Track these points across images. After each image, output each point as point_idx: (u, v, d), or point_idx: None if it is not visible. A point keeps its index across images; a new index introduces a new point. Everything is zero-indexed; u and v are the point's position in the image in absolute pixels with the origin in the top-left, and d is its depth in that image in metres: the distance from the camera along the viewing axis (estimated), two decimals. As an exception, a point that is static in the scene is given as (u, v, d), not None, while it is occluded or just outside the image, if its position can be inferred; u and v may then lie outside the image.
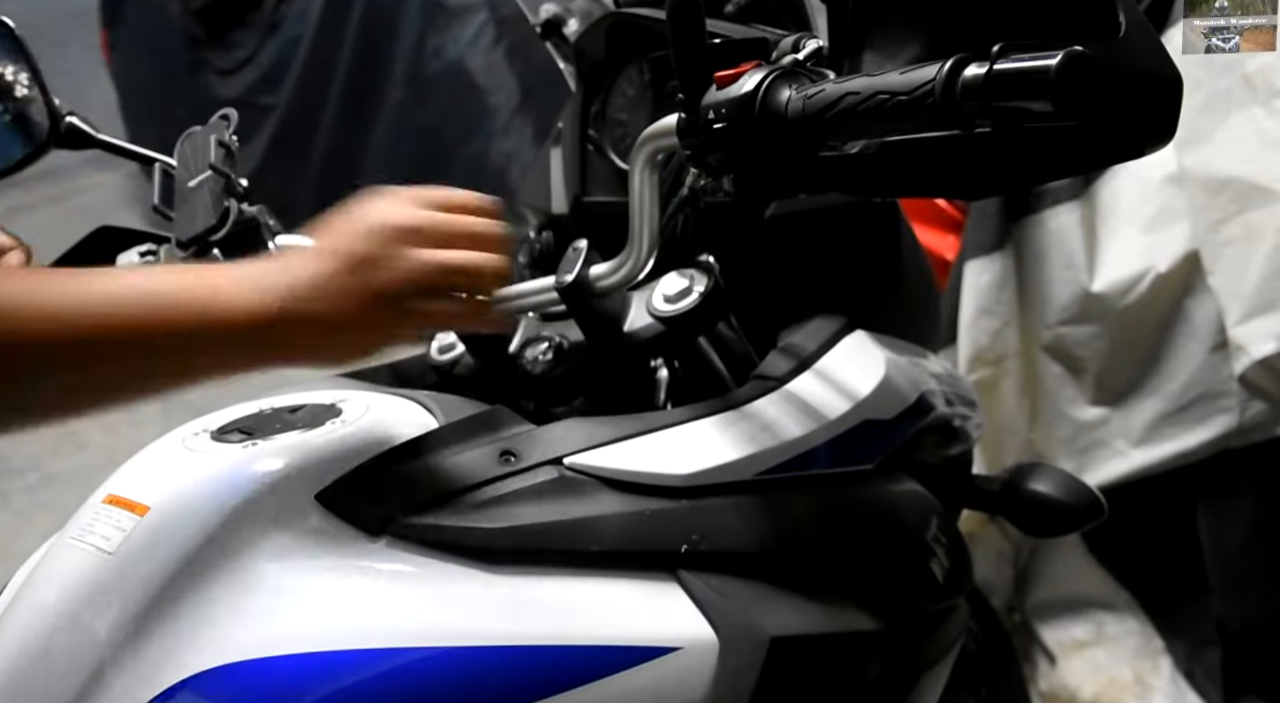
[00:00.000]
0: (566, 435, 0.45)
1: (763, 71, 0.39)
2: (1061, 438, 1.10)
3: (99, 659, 0.37)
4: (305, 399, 0.48)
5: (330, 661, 0.37)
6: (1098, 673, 1.09)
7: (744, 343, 0.56)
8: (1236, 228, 0.94)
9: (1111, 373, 1.06)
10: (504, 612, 0.40)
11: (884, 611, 0.48)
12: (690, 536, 0.43)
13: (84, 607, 0.38)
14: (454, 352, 0.59)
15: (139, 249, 0.56)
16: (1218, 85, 0.93)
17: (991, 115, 0.31)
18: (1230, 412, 0.99)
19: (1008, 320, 1.10)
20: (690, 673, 0.41)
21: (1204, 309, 0.99)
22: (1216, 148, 0.94)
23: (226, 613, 0.38)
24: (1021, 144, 0.34)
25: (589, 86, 0.65)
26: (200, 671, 0.37)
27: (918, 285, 0.64)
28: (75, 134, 0.59)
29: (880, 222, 0.58)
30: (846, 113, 0.34)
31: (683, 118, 0.41)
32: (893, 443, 0.52)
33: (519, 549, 0.41)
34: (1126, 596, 1.12)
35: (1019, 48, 0.30)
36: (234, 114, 0.57)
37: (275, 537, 0.40)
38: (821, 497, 0.48)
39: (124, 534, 0.39)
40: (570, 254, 0.49)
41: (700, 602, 0.42)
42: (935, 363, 0.61)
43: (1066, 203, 1.05)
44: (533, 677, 0.39)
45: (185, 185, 0.55)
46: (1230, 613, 1.02)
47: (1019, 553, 1.19)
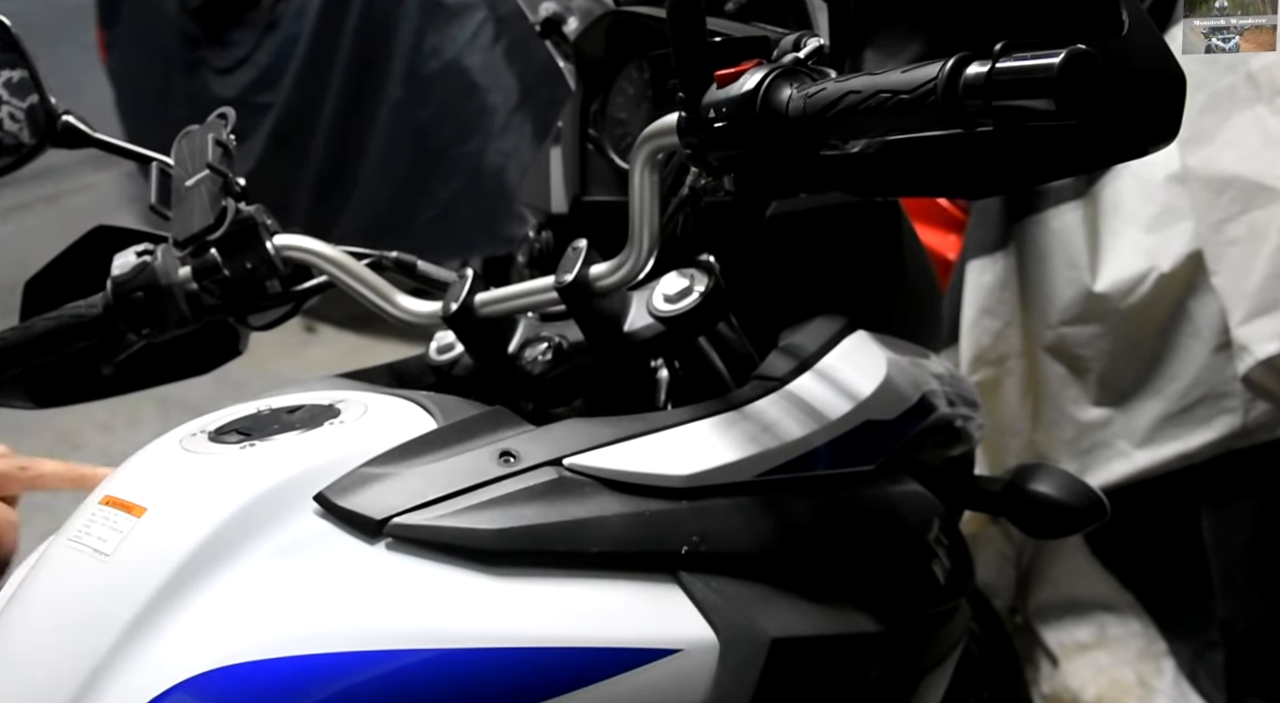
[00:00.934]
0: (566, 436, 0.45)
1: (764, 70, 0.38)
2: (1064, 439, 1.10)
3: (95, 662, 0.37)
4: (303, 400, 0.48)
5: (328, 663, 0.37)
6: (1100, 675, 1.09)
7: (744, 343, 0.56)
8: (1240, 227, 0.94)
9: (1114, 373, 1.06)
10: (503, 614, 0.39)
11: (885, 612, 0.48)
12: (691, 537, 0.43)
13: (80, 609, 0.38)
14: (453, 352, 0.59)
15: (135, 249, 0.56)
16: (1221, 84, 0.93)
17: (993, 114, 0.30)
18: (1234, 412, 0.99)
19: (1010, 320, 1.09)
20: (690, 675, 0.41)
21: (1207, 309, 0.99)
22: (1220, 147, 0.94)
23: (224, 615, 0.38)
24: (1024, 143, 0.34)
25: (589, 85, 0.65)
26: (198, 673, 0.36)
27: (919, 285, 0.63)
28: (71, 133, 0.59)
29: (881, 221, 0.58)
30: (848, 111, 0.34)
31: (683, 116, 0.41)
32: (894, 444, 0.51)
33: (518, 550, 0.41)
34: (1129, 597, 1.12)
35: (1021, 46, 0.30)
36: (231, 113, 0.57)
37: (273, 538, 0.39)
38: (823, 498, 0.48)
39: (121, 536, 0.39)
40: (570, 254, 0.49)
41: (700, 603, 0.42)
42: (937, 363, 0.61)
43: (1069, 202, 1.05)
44: (532, 679, 0.39)
45: (183, 185, 0.55)
46: (1234, 615, 1.02)
47: (1021, 555, 1.19)
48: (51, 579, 0.40)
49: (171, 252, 0.55)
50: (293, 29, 2.16)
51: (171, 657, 0.37)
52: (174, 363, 0.64)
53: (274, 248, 0.54)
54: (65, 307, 0.56)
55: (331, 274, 0.55)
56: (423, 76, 1.97)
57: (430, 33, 1.94)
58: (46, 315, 0.56)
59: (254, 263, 0.53)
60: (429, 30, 1.94)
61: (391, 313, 0.55)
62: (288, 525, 0.40)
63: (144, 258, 0.54)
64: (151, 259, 0.54)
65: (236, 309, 0.56)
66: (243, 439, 0.43)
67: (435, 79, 1.96)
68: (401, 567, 0.40)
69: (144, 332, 0.55)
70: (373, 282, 0.54)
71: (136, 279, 0.54)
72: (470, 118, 1.94)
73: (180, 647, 0.37)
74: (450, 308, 0.51)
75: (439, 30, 1.93)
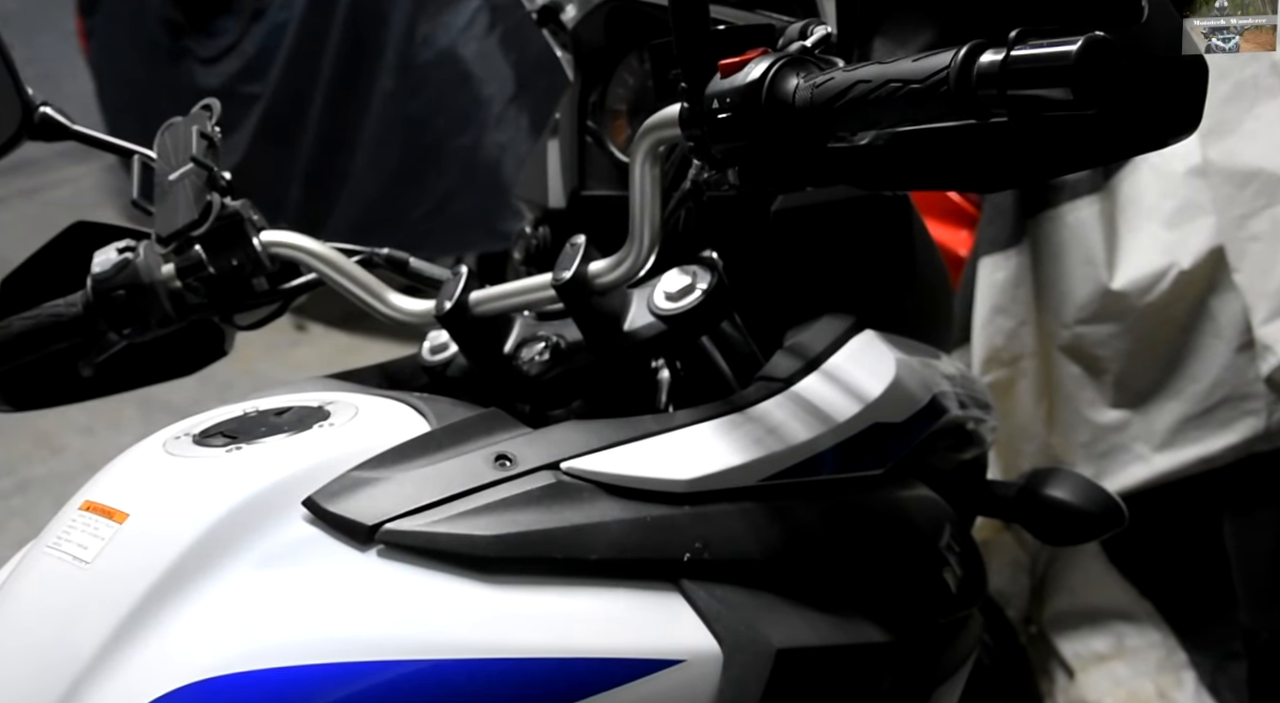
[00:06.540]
0: (564, 439, 0.44)
1: (769, 59, 0.38)
2: (1080, 442, 1.09)
3: (75, 674, 0.36)
4: (292, 401, 0.47)
5: (318, 674, 0.36)
6: (1118, 688, 1.08)
7: (749, 343, 0.55)
8: (1264, 222, 0.92)
9: (1132, 374, 1.04)
10: (499, 623, 0.39)
11: (895, 622, 0.47)
12: (693, 543, 0.42)
13: (60, 619, 0.37)
14: (446, 352, 0.58)
15: (117, 245, 0.55)
16: (1244, 73, 0.91)
17: (1008, 104, 0.30)
18: (1257, 414, 0.98)
19: (1024, 319, 1.08)
20: (693, 686, 0.40)
21: (1229, 307, 0.98)
22: (1243, 138, 0.92)
23: (210, 625, 0.37)
24: (1039, 134, 0.33)
25: (587, 75, 0.64)
26: (182, 685, 0.36)
27: (930, 283, 0.63)
28: (49, 125, 0.58)
29: (891, 216, 0.57)
30: (856, 102, 0.34)
31: (685, 108, 0.40)
32: (904, 447, 0.50)
33: (514, 557, 0.40)
34: (1148, 606, 1.11)
35: (1037, 33, 0.30)
36: (217, 104, 0.56)
37: (260, 545, 0.39)
38: (829, 503, 0.47)
39: (102, 543, 0.39)
40: (568, 250, 0.48)
41: (703, 612, 0.41)
42: (948, 364, 0.60)
43: (1086, 196, 1.03)
44: (529, 691, 0.38)
45: (166, 179, 0.55)
46: (1257, 625, 1.01)
47: (1036, 562, 1.18)
48: (29, 588, 0.39)
49: (154, 248, 0.54)
50: (281, 16, 2.11)
51: (155, 668, 0.36)
52: (157, 364, 0.64)
53: (261, 244, 0.53)
54: (43, 306, 0.55)
55: (320, 272, 0.54)
56: (416, 66, 1.94)
57: (423, 20, 1.91)
58: (24, 315, 0.56)
59: (240, 260, 0.53)
60: (422, 18, 1.91)
61: (383, 312, 0.54)
62: (276, 532, 0.39)
63: (125, 255, 0.54)
64: (133, 256, 0.54)
65: (222, 308, 0.55)
66: (229, 442, 0.43)
67: (428, 69, 1.93)
68: (394, 574, 0.39)
69: (125, 331, 0.54)
70: (363, 279, 0.54)
71: (118, 277, 0.53)
72: (465, 109, 1.92)
73: (164, 658, 0.36)
74: (444, 306, 0.50)
75: (432, 18, 1.91)
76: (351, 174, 2.10)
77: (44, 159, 2.68)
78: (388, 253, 0.57)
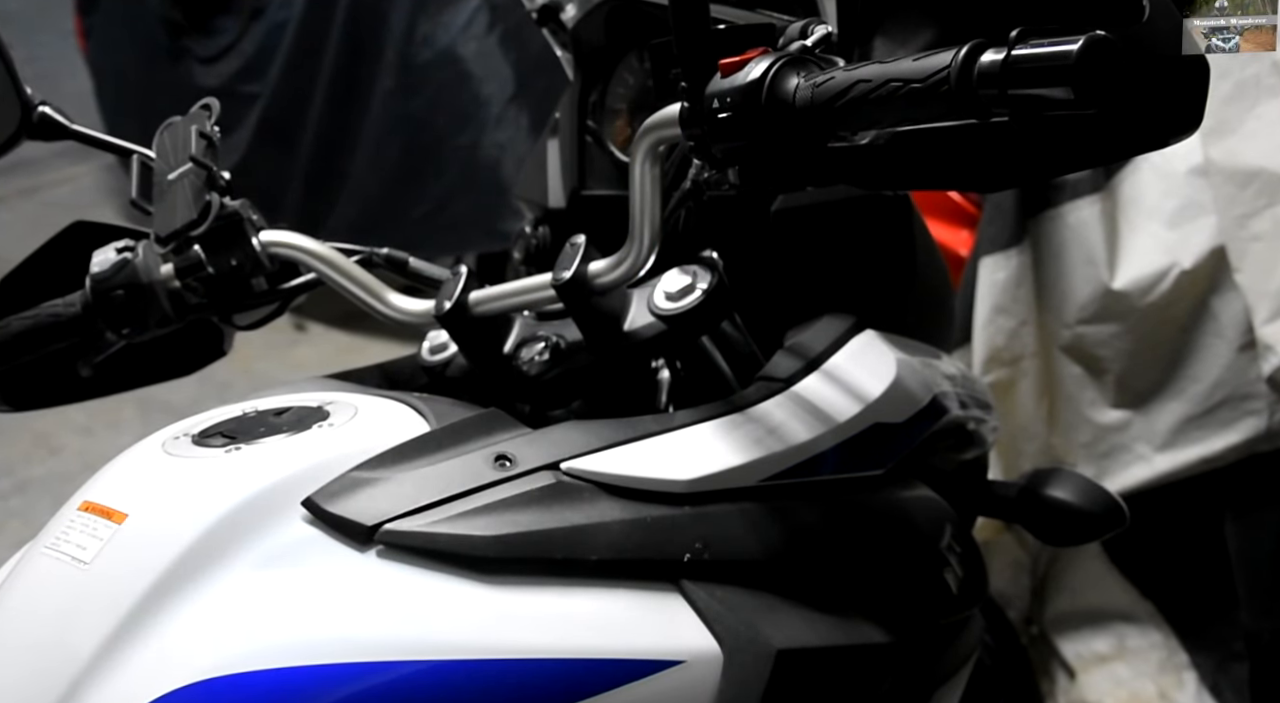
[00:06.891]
0: (564, 439, 0.44)
1: (769, 58, 0.38)
2: (1081, 442, 1.08)
3: (74, 676, 0.36)
4: (291, 401, 0.47)
5: (318, 675, 0.36)
6: (1119, 688, 1.07)
7: (749, 343, 0.55)
8: (1265, 222, 0.92)
9: (1133, 374, 1.04)
10: (498, 624, 0.39)
11: (895, 623, 0.47)
12: (693, 544, 0.42)
13: (59, 620, 0.37)
14: (446, 352, 0.58)
15: (115, 245, 0.55)
16: (1246, 73, 0.91)
17: (1009, 103, 0.30)
18: (1259, 414, 0.97)
19: (1025, 319, 1.08)
20: (693, 687, 0.40)
21: (1230, 307, 0.98)
22: (1244, 138, 0.92)
23: (209, 626, 0.37)
24: (1040, 134, 0.33)
25: (587, 75, 0.64)
26: (181, 686, 0.35)
27: (931, 283, 0.62)
28: (48, 124, 0.58)
29: (892, 216, 0.57)
30: (857, 101, 0.34)
31: (685, 107, 0.40)
32: (904, 447, 0.50)
33: (514, 558, 0.40)
34: (1150, 607, 1.10)
35: (1038, 33, 0.29)
36: (216, 104, 0.56)
37: (260, 545, 0.39)
38: (830, 504, 0.47)
39: (101, 543, 0.38)
40: (568, 250, 0.48)
41: (703, 613, 0.41)
42: (949, 364, 0.60)
43: (1087, 196, 1.03)
44: (529, 691, 0.38)
45: (165, 178, 0.54)
46: (1259, 625, 1.00)
47: (1037, 562, 1.17)
48: (28, 589, 0.39)
49: (153, 248, 0.54)
50: (280, 15, 2.10)
51: (154, 669, 0.36)
52: (156, 364, 0.64)
53: (260, 244, 0.53)
54: (42, 305, 0.55)
55: (320, 271, 0.54)
56: (415, 65, 1.93)
57: (423, 20, 1.91)
58: (22, 315, 0.56)
59: (239, 260, 0.53)
60: (422, 17, 1.91)
61: (382, 311, 0.54)
62: (275, 532, 0.39)
63: (124, 255, 0.54)
64: (132, 256, 0.54)
65: (221, 308, 0.55)
66: (228, 443, 0.43)
67: (428, 68, 1.92)
68: (393, 575, 0.39)
69: (124, 331, 0.54)
70: (363, 279, 0.54)
71: (117, 277, 0.53)
72: (465, 109, 1.91)
73: (163, 659, 0.36)
74: (443, 306, 0.50)
75: (432, 17, 1.90)
76: (351, 174, 2.10)
77: (43, 158, 2.67)
78: (387, 253, 0.57)
